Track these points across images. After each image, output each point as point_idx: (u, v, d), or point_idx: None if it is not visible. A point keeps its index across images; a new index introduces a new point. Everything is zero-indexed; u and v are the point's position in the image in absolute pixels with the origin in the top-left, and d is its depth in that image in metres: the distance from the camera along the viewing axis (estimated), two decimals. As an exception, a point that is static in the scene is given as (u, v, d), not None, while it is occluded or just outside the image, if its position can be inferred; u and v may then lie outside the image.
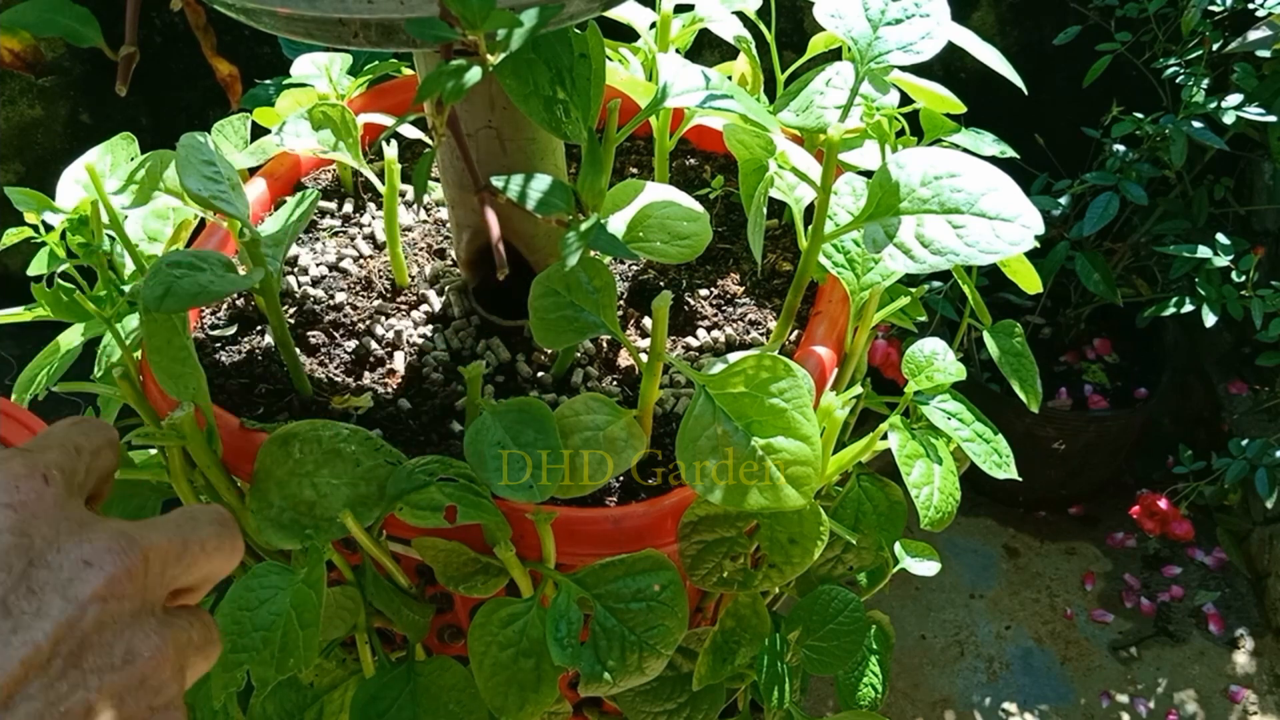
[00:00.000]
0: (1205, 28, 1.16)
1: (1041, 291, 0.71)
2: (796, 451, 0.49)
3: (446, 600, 0.63)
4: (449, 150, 0.63)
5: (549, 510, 0.53)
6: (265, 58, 1.34)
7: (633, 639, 0.53)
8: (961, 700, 1.29)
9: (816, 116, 0.61)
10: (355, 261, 0.73)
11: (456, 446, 0.60)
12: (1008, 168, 0.54)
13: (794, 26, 1.34)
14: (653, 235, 0.58)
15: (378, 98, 0.80)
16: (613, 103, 0.56)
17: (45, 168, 1.44)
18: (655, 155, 0.76)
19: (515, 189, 0.48)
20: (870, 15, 0.57)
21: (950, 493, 0.61)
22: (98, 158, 0.68)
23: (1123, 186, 1.18)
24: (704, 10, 0.74)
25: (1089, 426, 1.37)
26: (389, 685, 0.58)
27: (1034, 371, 0.68)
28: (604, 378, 0.65)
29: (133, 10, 0.42)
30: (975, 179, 0.51)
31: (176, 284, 0.53)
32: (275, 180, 0.77)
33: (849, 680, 0.74)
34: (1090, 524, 1.48)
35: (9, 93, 1.37)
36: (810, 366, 0.61)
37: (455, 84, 0.40)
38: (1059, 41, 1.24)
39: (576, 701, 0.72)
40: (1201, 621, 1.36)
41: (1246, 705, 1.27)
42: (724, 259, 0.73)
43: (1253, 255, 1.17)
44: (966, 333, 1.22)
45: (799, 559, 0.57)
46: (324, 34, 0.47)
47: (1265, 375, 1.42)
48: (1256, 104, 1.11)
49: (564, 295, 0.55)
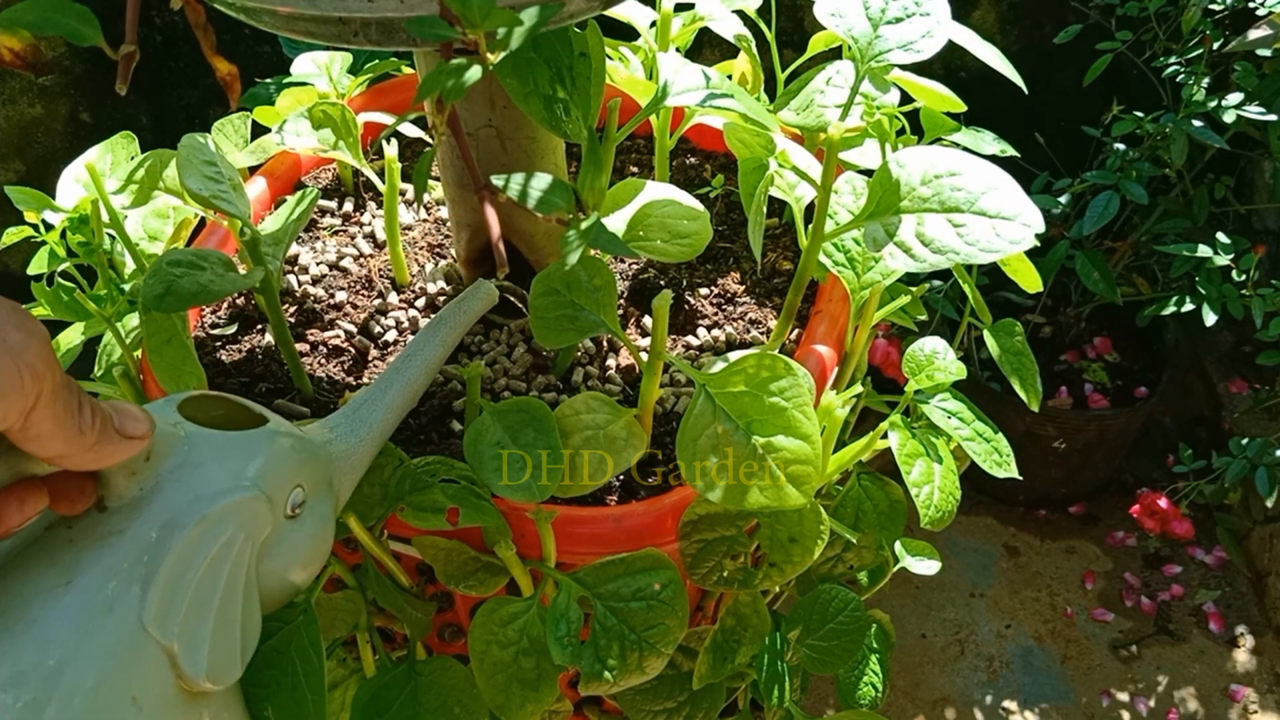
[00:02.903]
0: (1206, 26, 1.16)
1: (1042, 290, 0.71)
2: (797, 450, 0.49)
3: (447, 599, 0.63)
4: (449, 149, 0.63)
5: (549, 509, 0.53)
6: (265, 57, 1.34)
7: (633, 638, 0.53)
8: (962, 699, 1.29)
9: (817, 115, 0.61)
10: (355, 260, 0.73)
11: (456, 446, 0.60)
12: (1008, 166, 0.54)
13: (794, 25, 1.34)
14: (653, 234, 0.58)
15: (378, 96, 0.80)
16: (613, 101, 0.56)
17: (45, 167, 1.44)
18: (655, 154, 0.76)
19: (515, 188, 0.48)
20: (871, 14, 0.57)
21: (950, 492, 0.61)
22: (98, 157, 0.68)
23: (1123, 185, 1.18)
24: (704, 9, 0.74)
25: (1089, 425, 1.37)
26: (390, 685, 0.58)
27: (1034, 370, 0.68)
28: (604, 376, 0.65)
29: (133, 9, 0.42)
30: (975, 178, 0.51)
31: (177, 283, 0.53)
32: (275, 179, 0.77)
33: (849, 679, 0.74)
34: (1090, 523, 1.48)
35: (9, 91, 1.37)
36: (811, 365, 0.61)
37: (455, 83, 0.40)
38: (1059, 40, 1.24)
39: (577, 700, 0.72)
40: (1202, 620, 1.36)
41: (1247, 704, 1.27)
42: (724, 258, 0.73)
43: (1253, 254, 1.17)
44: (967, 331, 1.23)
45: (799, 558, 0.57)
46: (324, 33, 0.47)
47: (1266, 374, 1.42)
48: (1257, 103, 1.11)
49: (564, 294, 0.55)
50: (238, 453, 0.43)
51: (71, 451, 0.36)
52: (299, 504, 0.45)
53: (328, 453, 0.48)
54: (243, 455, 0.43)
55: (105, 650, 0.37)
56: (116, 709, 0.37)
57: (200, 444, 0.42)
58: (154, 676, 0.39)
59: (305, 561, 0.46)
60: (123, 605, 0.38)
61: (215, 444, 0.42)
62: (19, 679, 0.35)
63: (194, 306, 0.66)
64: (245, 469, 0.42)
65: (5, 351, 0.32)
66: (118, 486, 0.39)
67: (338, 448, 0.49)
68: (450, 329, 0.55)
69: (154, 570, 0.38)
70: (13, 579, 0.38)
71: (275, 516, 0.44)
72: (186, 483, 0.41)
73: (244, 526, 0.42)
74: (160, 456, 0.40)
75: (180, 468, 0.41)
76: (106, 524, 0.39)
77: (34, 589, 0.37)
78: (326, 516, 0.47)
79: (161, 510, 0.40)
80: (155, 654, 0.39)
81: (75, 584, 0.37)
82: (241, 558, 0.42)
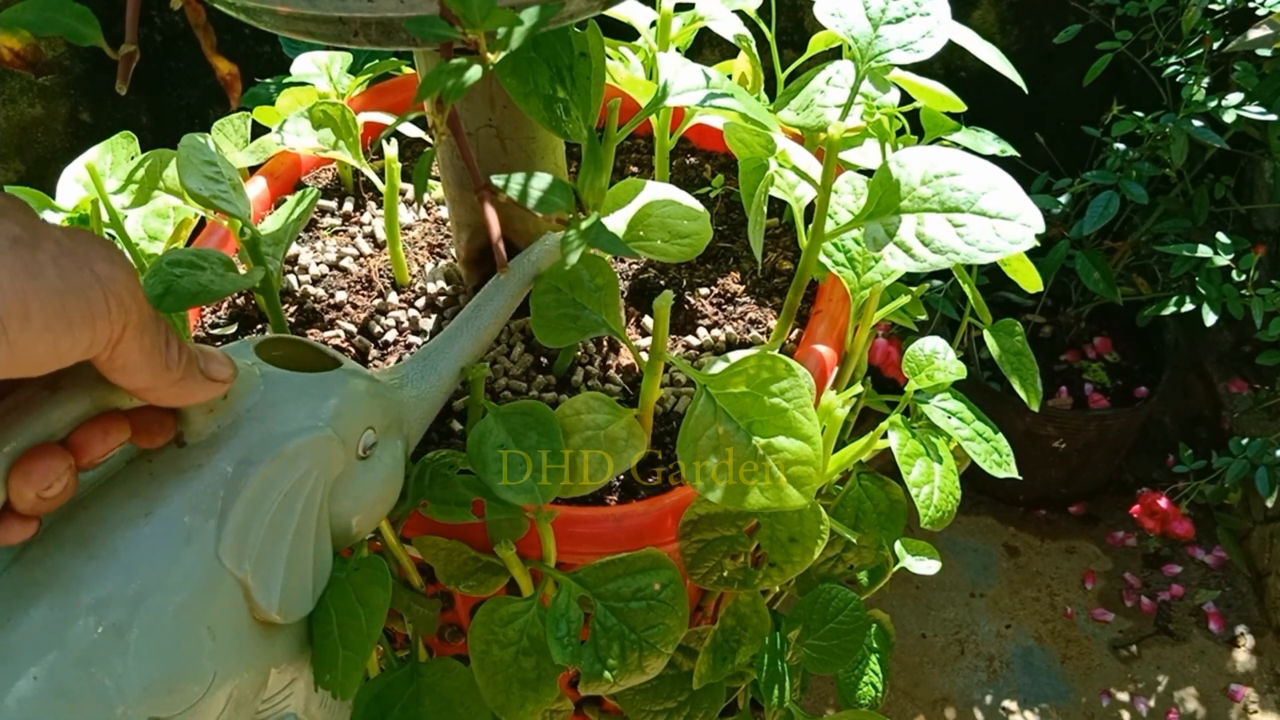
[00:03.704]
0: (1206, 26, 1.16)
1: (1042, 290, 0.71)
2: (797, 450, 0.49)
3: (447, 599, 0.63)
4: (449, 149, 0.63)
5: (550, 509, 0.53)
6: (265, 56, 1.34)
7: (633, 638, 0.53)
8: (961, 699, 1.29)
9: (817, 115, 0.61)
10: (355, 260, 0.73)
11: (457, 445, 0.60)
12: (1008, 166, 0.54)
13: (794, 25, 1.34)
14: (653, 234, 0.58)
15: (378, 96, 0.80)
16: (613, 101, 0.56)
17: (45, 166, 1.44)
18: (655, 154, 0.75)
19: (515, 188, 0.48)
20: (871, 14, 0.57)
21: (950, 491, 0.61)
22: (98, 157, 0.68)
23: (1123, 185, 1.18)
24: (704, 9, 0.74)
25: (1089, 425, 1.37)
26: (393, 686, 0.58)
27: (1034, 370, 0.68)
28: (604, 376, 0.65)
29: (133, 9, 0.42)
30: (976, 178, 0.51)
31: (176, 283, 0.53)
32: (275, 179, 0.77)
33: (849, 679, 0.74)
34: (1090, 523, 1.48)
35: (9, 91, 1.37)
36: (811, 365, 0.61)
37: (455, 83, 0.40)
38: (1059, 40, 1.24)
39: (577, 700, 0.72)
40: (1202, 620, 1.36)
41: (1247, 704, 1.27)
42: (724, 258, 0.73)
43: (1253, 254, 1.17)
44: (967, 331, 1.23)
45: (799, 558, 0.57)
46: (324, 32, 0.47)
47: (1266, 374, 1.42)
48: (1257, 103, 1.11)
49: (565, 293, 0.55)
50: (313, 393, 0.44)
51: (156, 385, 0.37)
52: (370, 445, 0.46)
53: (398, 397, 0.49)
54: (317, 395, 0.44)
55: (183, 580, 0.39)
56: (193, 636, 0.39)
57: (276, 384, 0.43)
58: (228, 607, 0.40)
59: (376, 501, 0.47)
60: (200, 537, 0.39)
61: (291, 384, 0.44)
62: (103, 604, 0.37)
63: (194, 306, 0.66)
64: (320, 409, 0.43)
65: (95, 282, 0.33)
66: (197, 423, 0.41)
67: (408, 392, 0.50)
68: (519, 280, 0.56)
69: (230, 504, 0.40)
70: (97, 508, 0.39)
71: (348, 457, 0.45)
72: (263, 421, 0.42)
73: (317, 464, 0.43)
74: (237, 395, 0.42)
75: (257, 406, 0.42)
76: (186, 459, 0.41)
77: (117, 519, 0.39)
78: (398, 459, 0.48)
79: (238, 447, 0.41)
80: (230, 585, 0.40)
81: (155, 515, 0.39)
82: (315, 495, 0.43)
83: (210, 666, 0.39)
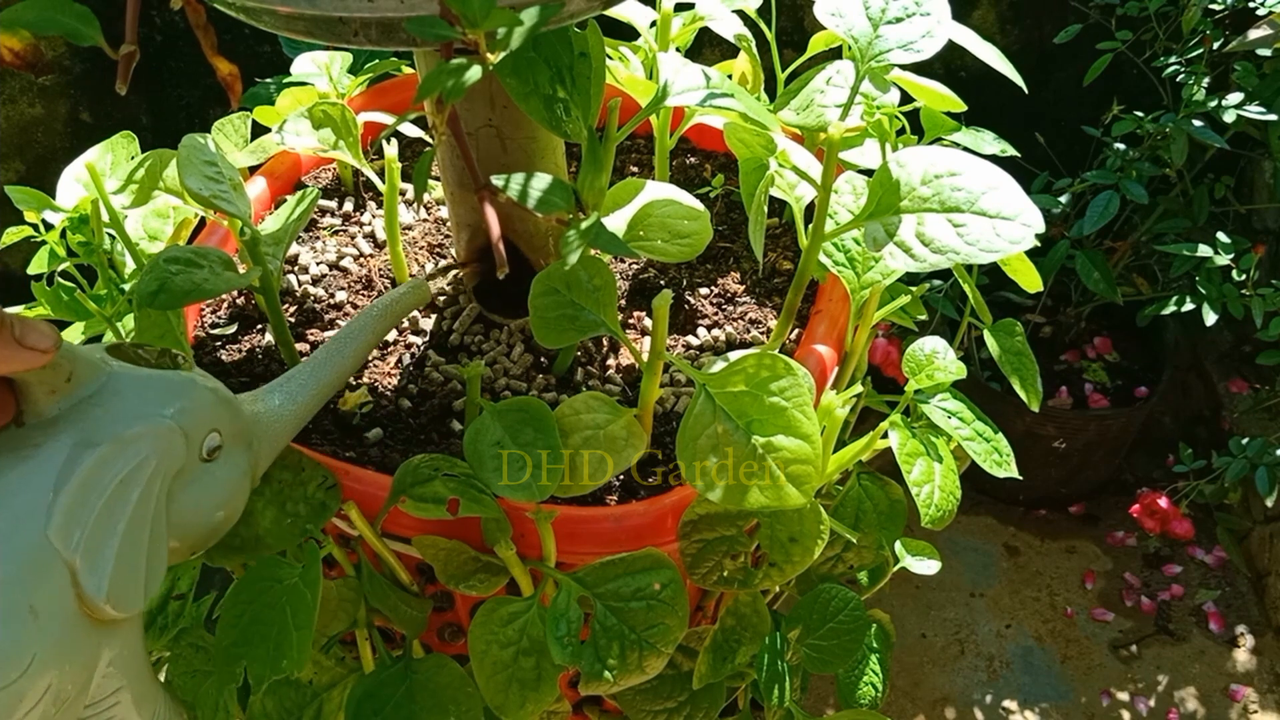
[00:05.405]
0: (1206, 26, 1.16)
1: (1042, 290, 0.71)
2: (797, 450, 0.49)
3: (447, 599, 0.63)
4: (449, 149, 0.63)
5: (549, 509, 0.53)
6: (265, 56, 1.34)
7: (633, 637, 0.53)
8: (962, 699, 1.29)
9: (817, 115, 0.61)
10: (356, 260, 0.73)
11: (456, 445, 0.60)
12: (1008, 166, 0.54)
13: (794, 25, 1.34)
14: (653, 234, 0.58)
15: (378, 96, 0.80)
16: (613, 101, 0.56)
17: (45, 166, 1.44)
18: (655, 154, 0.75)
19: (515, 188, 0.48)
20: (871, 14, 0.57)
21: (951, 491, 0.61)
22: (98, 156, 0.68)
23: (1123, 185, 1.18)
24: (704, 9, 0.74)
25: (1089, 425, 1.37)
26: (385, 683, 0.58)
27: (1034, 370, 0.68)
28: (604, 376, 0.65)
29: (133, 9, 0.42)
30: (976, 177, 0.51)
31: (171, 280, 0.53)
32: (275, 179, 0.77)
33: (849, 679, 0.74)
34: (1090, 523, 1.48)
35: (9, 91, 1.37)
36: (811, 365, 0.61)
37: (455, 82, 0.40)
38: (1059, 40, 1.24)
39: (577, 700, 0.72)
40: (1202, 620, 1.36)
41: (1247, 703, 1.27)
42: (724, 257, 0.73)
43: (1253, 254, 1.17)
44: (967, 331, 1.22)
45: (799, 558, 0.57)
46: (324, 32, 0.47)
47: (1265, 374, 1.42)
48: (1257, 102, 1.11)
49: (564, 293, 0.55)
50: (159, 386, 0.45)
51: None
52: (215, 448, 0.47)
53: (250, 409, 0.50)
54: (164, 389, 0.45)
55: (8, 557, 0.38)
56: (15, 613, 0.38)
57: (124, 377, 0.44)
58: (55, 590, 0.40)
59: (215, 508, 0.47)
60: (31, 517, 0.39)
61: (138, 378, 0.44)
62: None
63: (188, 304, 0.66)
64: (165, 400, 0.44)
65: None
66: (37, 403, 0.41)
67: (261, 408, 0.51)
68: (382, 321, 0.58)
69: (64, 484, 0.40)
70: None
71: (190, 454, 0.45)
72: (106, 406, 0.42)
73: (157, 453, 0.43)
74: (81, 380, 0.42)
75: (101, 392, 0.43)
76: (24, 438, 0.41)
77: None
78: (243, 469, 0.49)
79: (78, 429, 0.41)
80: (59, 569, 0.40)
81: None
82: (152, 485, 0.43)
83: (30, 648, 0.39)
